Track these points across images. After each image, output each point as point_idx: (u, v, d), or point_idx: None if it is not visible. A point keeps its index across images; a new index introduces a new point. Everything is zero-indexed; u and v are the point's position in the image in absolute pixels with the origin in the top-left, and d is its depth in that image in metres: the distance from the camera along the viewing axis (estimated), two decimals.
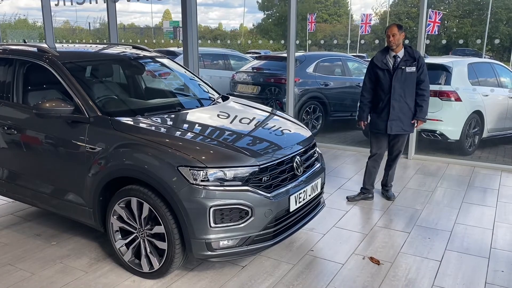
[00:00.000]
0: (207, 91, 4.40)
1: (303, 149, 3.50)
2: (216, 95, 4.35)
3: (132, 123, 3.25)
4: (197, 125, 3.50)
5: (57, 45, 4.76)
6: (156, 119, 3.39)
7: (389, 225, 4.13)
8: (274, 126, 3.72)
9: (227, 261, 3.31)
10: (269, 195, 3.02)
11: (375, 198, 4.81)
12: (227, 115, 3.80)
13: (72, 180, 3.38)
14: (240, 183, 2.95)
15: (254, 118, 3.79)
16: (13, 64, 3.82)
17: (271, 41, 15.11)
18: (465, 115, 6.53)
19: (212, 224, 2.87)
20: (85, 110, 3.30)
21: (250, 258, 3.44)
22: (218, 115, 3.75)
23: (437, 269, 3.34)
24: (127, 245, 3.20)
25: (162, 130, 3.23)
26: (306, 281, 3.17)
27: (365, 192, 4.78)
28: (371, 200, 4.74)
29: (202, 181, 2.86)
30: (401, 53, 4.37)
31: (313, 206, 3.60)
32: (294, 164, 3.31)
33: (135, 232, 3.14)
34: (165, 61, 4.54)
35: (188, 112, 3.71)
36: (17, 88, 3.77)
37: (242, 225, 2.93)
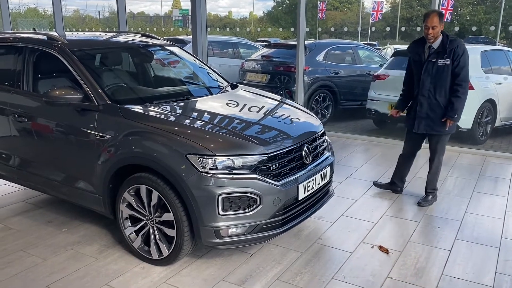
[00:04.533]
0: (216, 79, 4.38)
1: (312, 138, 3.48)
2: (225, 84, 4.34)
3: (141, 111, 3.25)
4: (206, 113, 3.50)
5: (66, 33, 4.77)
6: (165, 107, 3.39)
7: (399, 214, 4.10)
8: (283, 114, 3.70)
9: (235, 248, 3.33)
10: (277, 183, 3.02)
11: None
12: (236, 103, 3.79)
13: (82, 167, 3.40)
14: (248, 171, 2.94)
15: (263, 106, 3.77)
16: (23, 52, 3.83)
17: (280, 29, 14.99)
18: (478, 104, 6.45)
19: (221, 212, 2.88)
20: (94, 98, 3.31)
21: (259, 246, 3.45)
22: (227, 103, 3.74)
23: (447, 258, 3.32)
24: (137, 232, 3.23)
25: (171, 118, 3.23)
26: (314, 269, 3.17)
27: (392, 184, 4.64)
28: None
29: (210, 169, 2.86)
30: (436, 43, 3.96)
31: (322, 195, 3.59)
32: (303, 152, 3.29)
33: (144, 219, 3.16)
34: (174, 49, 4.53)
35: (197, 100, 3.71)
36: (27, 76, 3.79)
37: (251, 213, 2.93)
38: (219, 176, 2.86)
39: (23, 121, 3.70)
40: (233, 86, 4.32)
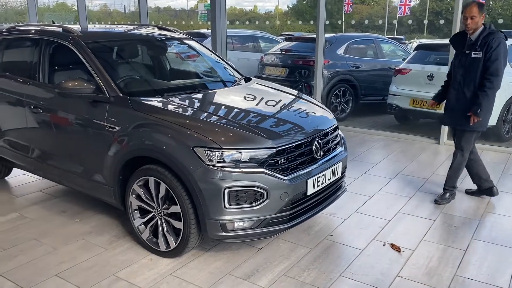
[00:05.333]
0: (229, 72, 4.36)
1: (324, 132, 3.41)
2: (239, 77, 4.30)
3: (150, 103, 3.25)
4: (215, 106, 3.48)
5: (87, 26, 4.83)
6: (175, 100, 3.38)
7: (414, 212, 4.00)
8: (295, 108, 3.65)
9: (243, 242, 3.31)
10: (285, 178, 2.97)
11: (403, 184, 4.67)
12: (247, 96, 3.75)
13: (94, 159, 3.43)
14: (256, 165, 2.91)
15: (274, 100, 3.72)
16: (40, 44, 3.89)
17: (300, 22, 14.87)
18: (503, 100, 6.21)
19: (227, 205, 2.85)
20: (106, 90, 3.33)
21: (267, 241, 3.42)
22: (238, 97, 3.71)
23: (461, 258, 3.21)
24: (145, 223, 3.24)
25: (180, 110, 3.22)
26: (322, 265, 3.12)
27: (480, 189, 4.30)
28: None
29: (217, 162, 2.84)
30: (475, 35, 3.83)
31: (333, 191, 3.53)
32: (313, 147, 3.23)
33: (153, 211, 3.17)
34: (189, 42, 4.52)
35: (208, 93, 3.69)
36: (43, 68, 3.85)
37: (257, 207, 2.90)
38: (226, 169, 2.84)
39: (39, 112, 3.76)
40: (247, 80, 4.28)
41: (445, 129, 6.14)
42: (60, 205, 4.10)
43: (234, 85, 4.04)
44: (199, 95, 3.58)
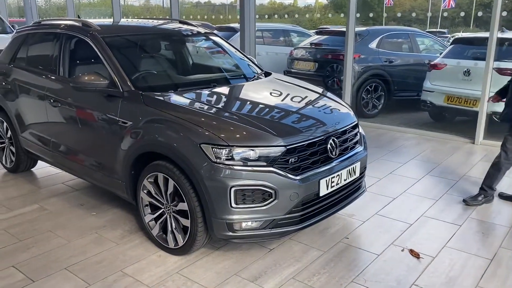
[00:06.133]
0: (249, 67, 4.26)
1: (341, 130, 3.26)
2: (258, 72, 4.20)
3: (162, 98, 3.21)
4: (227, 101, 3.40)
5: (108, 20, 4.85)
6: (188, 95, 3.32)
7: (439, 216, 3.78)
8: (311, 104, 3.51)
9: (254, 242, 3.22)
10: (295, 177, 2.85)
11: (431, 186, 4.43)
12: (262, 92, 3.65)
13: (108, 153, 3.44)
14: (264, 163, 2.81)
15: (290, 95, 3.59)
16: (61, 38, 3.94)
17: (330, 15, 14.59)
18: None
19: (233, 205, 2.77)
20: (120, 84, 3.32)
21: (279, 241, 3.31)
22: (252, 92, 3.61)
23: (485, 269, 2.99)
24: (155, 219, 3.22)
25: (190, 106, 3.15)
26: (334, 270, 2.99)
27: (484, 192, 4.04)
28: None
29: (224, 159, 2.76)
30: None
31: (350, 192, 3.37)
32: (328, 145, 3.09)
33: (162, 207, 3.14)
34: (209, 36, 4.45)
35: (223, 88, 3.60)
36: (63, 62, 3.89)
37: (265, 207, 2.80)
38: (233, 167, 2.75)
39: (58, 106, 3.81)
40: (267, 74, 4.17)
41: (481, 128, 5.81)
42: (79, 198, 4.16)
43: (252, 80, 3.94)
44: (213, 90, 3.50)
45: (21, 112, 4.33)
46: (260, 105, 3.31)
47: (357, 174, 3.35)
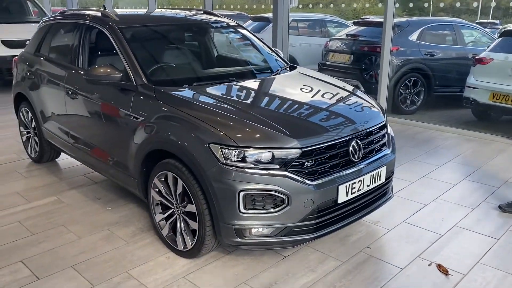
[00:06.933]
0: (273, 60, 4.03)
1: (366, 132, 2.99)
2: (283, 65, 3.97)
3: (173, 93, 3.06)
4: (244, 98, 3.19)
5: (137, 10, 4.74)
6: (203, 90, 3.16)
7: (474, 227, 3.44)
8: (334, 102, 3.25)
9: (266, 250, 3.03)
10: (311, 183, 2.63)
11: (468, 192, 4.08)
12: (282, 87, 3.43)
13: (121, 149, 3.33)
14: (277, 166, 2.60)
15: (313, 92, 3.36)
16: (81, 29, 3.86)
17: (380, 5, 13.96)
18: None
19: (242, 210, 2.59)
20: (133, 78, 3.20)
21: (295, 248, 3.11)
22: (272, 88, 3.40)
23: None
24: (166, 219, 3.09)
25: (202, 102, 2.98)
26: (351, 283, 2.75)
27: None
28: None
29: (233, 161, 2.58)
30: None
31: (374, 198, 3.11)
32: (350, 148, 2.84)
33: (172, 207, 3.00)
34: (234, 27, 4.25)
35: (241, 83, 3.40)
36: (83, 53, 3.82)
37: (277, 214, 2.60)
38: (243, 170, 2.56)
39: (75, 98, 3.75)
40: (292, 68, 3.94)
41: None
42: (97, 191, 4.10)
43: (274, 75, 3.72)
44: (231, 85, 3.31)
45: (43, 103, 4.31)
46: (278, 102, 3.10)
47: (382, 179, 3.08)
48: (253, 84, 3.45)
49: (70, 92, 3.79)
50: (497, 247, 3.17)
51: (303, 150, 2.63)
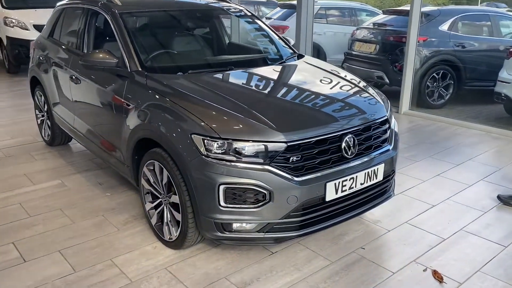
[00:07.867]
0: (279, 49, 3.89)
1: (362, 126, 2.83)
2: (288, 54, 3.82)
3: (164, 81, 2.99)
4: (236, 88, 3.09)
5: None
6: (195, 79, 3.08)
7: (481, 232, 3.22)
8: (332, 93, 3.10)
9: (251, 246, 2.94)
10: (295, 179, 2.51)
11: (483, 194, 3.82)
12: (281, 78, 3.30)
13: (115, 135, 3.32)
14: (261, 160, 2.49)
15: (312, 82, 3.22)
16: (87, 14, 3.86)
17: None
18: None
19: (222, 203, 2.51)
20: (128, 64, 3.16)
21: (285, 244, 3.00)
22: (269, 78, 3.27)
23: None
24: (155, 208, 3.06)
25: (191, 91, 2.89)
26: (336, 285, 2.63)
27: None
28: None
29: (215, 153, 2.49)
30: None
31: (370, 197, 2.95)
32: (343, 143, 2.69)
33: (160, 197, 2.96)
34: (241, 13, 4.12)
35: (238, 72, 3.29)
36: (87, 38, 3.82)
37: (258, 209, 2.51)
38: (224, 162, 2.48)
39: (78, 83, 3.76)
40: (299, 57, 3.80)
41: None
42: (100, 176, 4.13)
43: (276, 64, 3.59)
44: (227, 74, 3.22)
45: (52, 87, 4.36)
46: (271, 93, 2.98)
47: (380, 177, 2.91)
48: (250, 73, 3.33)
49: (73, 77, 3.81)
50: (503, 255, 2.94)
51: (288, 144, 2.51)
